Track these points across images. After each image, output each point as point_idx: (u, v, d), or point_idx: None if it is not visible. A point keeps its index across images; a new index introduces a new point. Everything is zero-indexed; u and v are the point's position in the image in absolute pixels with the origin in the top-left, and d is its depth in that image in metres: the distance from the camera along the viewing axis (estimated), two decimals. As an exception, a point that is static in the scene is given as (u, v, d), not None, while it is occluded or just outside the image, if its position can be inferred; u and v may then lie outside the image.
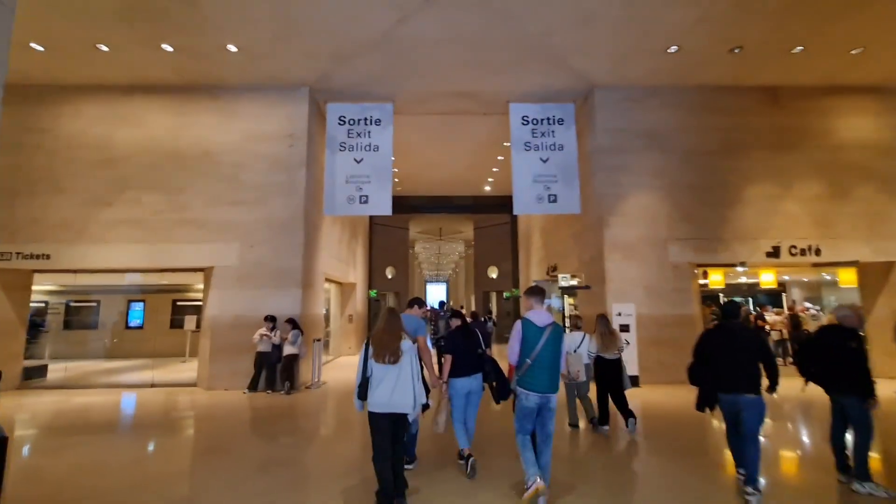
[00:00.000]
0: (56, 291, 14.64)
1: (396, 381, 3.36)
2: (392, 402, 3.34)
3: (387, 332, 3.47)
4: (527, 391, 3.63)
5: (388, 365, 3.38)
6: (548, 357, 3.61)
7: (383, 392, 3.36)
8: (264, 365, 8.36)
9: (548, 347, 3.60)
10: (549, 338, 3.61)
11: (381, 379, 3.38)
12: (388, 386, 3.35)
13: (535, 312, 3.73)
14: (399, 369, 3.39)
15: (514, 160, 9.89)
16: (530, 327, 3.65)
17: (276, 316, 8.55)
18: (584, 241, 10.19)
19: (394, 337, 3.45)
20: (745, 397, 3.70)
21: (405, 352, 3.43)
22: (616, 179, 9.27)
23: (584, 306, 10.13)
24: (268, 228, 8.95)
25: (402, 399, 3.36)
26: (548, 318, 3.71)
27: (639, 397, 7.83)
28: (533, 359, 3.59)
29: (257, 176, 9.10)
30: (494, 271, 22.04)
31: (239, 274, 8.80)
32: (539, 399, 3.61)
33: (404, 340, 3.47)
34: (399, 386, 3.36)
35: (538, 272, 14.65)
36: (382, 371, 3.39)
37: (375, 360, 3.40)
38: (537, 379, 3.61)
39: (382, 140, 9.84)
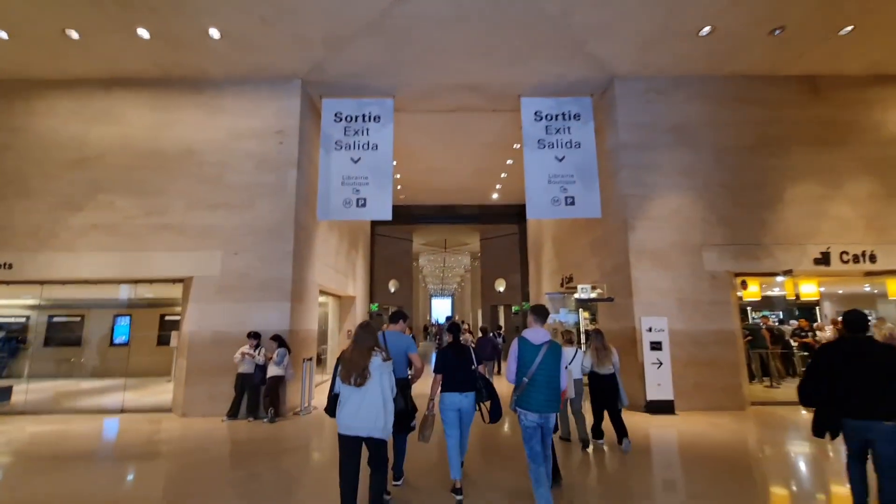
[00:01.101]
0: (37, 306, 13.79)
1: (361, 403, 3.17)
2: (356, 424, 3.16)
3: (356, 349, 3.27)
4: (525, 411, 3.61)
5: (354, 386, 3.18)
6: (545, 375, 3.59)
7: (348, 413, 3.19)
8: (246, 388, 7.36)
9: (545, 365, 3.59)
10: (546, 356, 3.60)
11: (347, 399, 3.21)
12: (353, 407, 3.18)
13: (532, 330, 3.77)
14: (365, 391, 3.18)
15: (526, 159, 8.98)
16: (526, 345, 3.67)
17: (260, 332, 7.59)
18: (605, 249, 9.19)
19: (363, 355, 3.23)
20: (883, 425, 3.08)
21: (373, 371, 3.19)
22: (641, 179, 8.32)
23: (607, 321, 9.07)
24: (254, 234, 8.05)
25: (366, 422, 3.15)
26: (544, 336, 3.71)
27: (674, 427, 6.75)
28: (530, 377, 3.58)
29: (243, 176, 8.24)
30: (502, 284, 21.02)
31: (221, 285, 7.87)
32: (538, 419, 3.59)
33: (374, 358, 3.23)
34: (364, 407, 3.16)
35: (550, 284, 13.61)
36: (348, 391, 3.22)
37: (342, 379, 3.22)
38: (535, 398, 3.58)
39: (382, 138, 8.98)
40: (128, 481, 4.80)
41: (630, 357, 8.01)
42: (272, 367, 7.31)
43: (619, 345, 8.36)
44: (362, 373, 3.17)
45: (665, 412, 7.36)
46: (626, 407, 6.03)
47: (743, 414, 7.44)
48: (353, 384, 3.19)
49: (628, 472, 4.94)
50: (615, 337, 8.49)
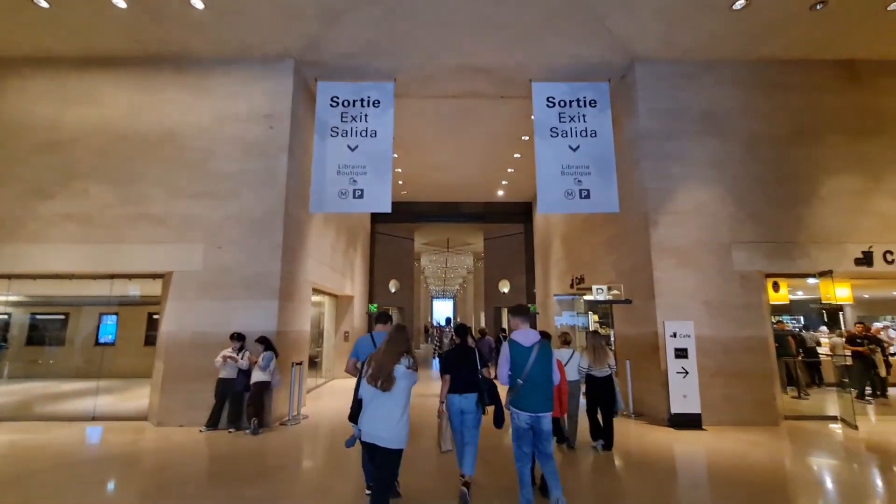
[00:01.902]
0: (20, 303, 13.15)
1: (380, 409, 3.04)
2: (372, 431, 3.02)
3: (386, 352, 3.15)
4: (518, 411, 3.62)
5: (377, 389, 3.05)
6: (537, 376, 3.61)
7: (367, 418, 3.07)
8: (227, 395, 6.67)
9: (537, 366, 3.61)
10: (538, 356, 3.62)
11: (368, 403, 3.10)
12: (372, 412, 3.06)
13: (521, 332, 3.77)
14: (386, 397, 3.04)
15: (538, 149, 8.26)
16: (517, 348, 3.68)
17: (244, 334, 6.90)
18: (623, 247, 8.47)
19: (392, 359, 3.10)
20: None
21: (398, 378, 3.06)
22: (665, 170, 7.60)
23: (624, 325, 8.35)
24: (239, 226, 7.36)
25: (381, 430, 3.00)
26: (534, 337, 3.73)
27: (704, 444, 6.02)
28: (524, 378, 3.59)
29: (229, 163, 7.56)
30: (506, 285, 20.27)
31: (202, 281, 7.18)
32: (530, 419, 3.59)
33: (399, 364, 3.10)
34: (381, 415, 3.02)
35: (559, 285, 12.90)
36: (370, 395, 3.09)
37: (367, 381, 3.09)
38: (528, 398, 3.59)
39: (381, 125, 8.28)
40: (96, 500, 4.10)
41: (651, 365, 7.29)
42: (257, 373, 6.62)
43: (638, 352, 7.68)
44: (388, 377, 3.03)
45: (691, 427, 6.63)
46: (622, 412, 6.08)
47: (777, 430, 6.70)
48: (377, 387, 3.04)
49: (655, 497, 4.22)
50: (633, 343, 7.77)
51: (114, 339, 13.17)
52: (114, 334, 13.26)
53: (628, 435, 6.54)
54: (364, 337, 4.37)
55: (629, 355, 7.95)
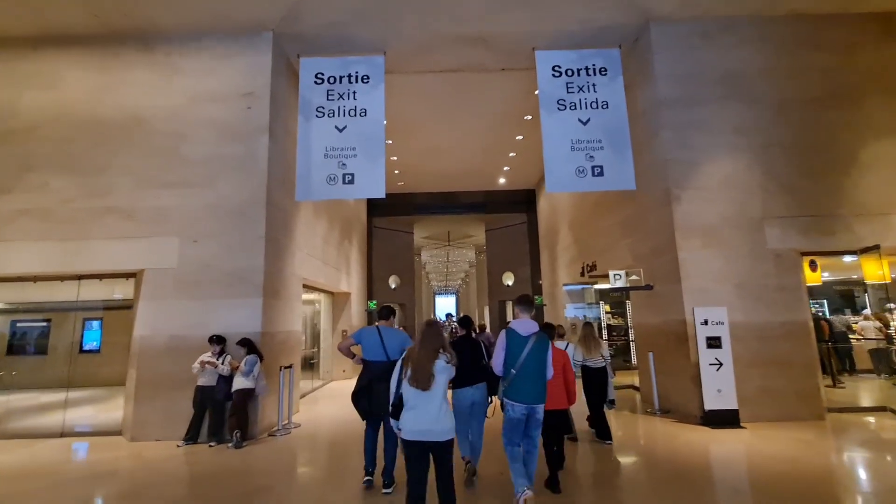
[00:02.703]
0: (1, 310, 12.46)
1: (426, 406, 2.98)
2: (419, 428, 2.96)
3: (423, 351, 3.08)
4: (512, 402, 3.61)
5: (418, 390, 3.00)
6: (532, 366, 3.58)
7: (412, 417, 2.99)
8: (207, 405, 5.97)
9: (532, 357, 3.58)
10: (534, 347, 3.60)
11: (410, 402, 3.03)
12: (417, 411, 3.00)
13: (520, 322, 3.76)
14: (429, 395, 2.99)
15: (544, 123, 7.51)
16: (514, 337, 3.67)
17: (225, 336, 6.20)
18: (641, 228, 7.73)
19: (429, 358, 3.04)
20: None
21: (437, 374, 3.02)
22: (686, 140, 6.86)
23: (644, 314, 7.63)
24: (217, 217, 6.64)
25: (429, 426, 2.95)
26: (532, 327, 3.70)
27: (744, 445, 5.32)
28: (518, 369, 3.57)
29: (203, 148, 6.83)
30: (510, 278, 19.56)
31: (178, 279, 6.47)
32: (525, 409, 3.60)
33: (439, 360, 3.06)
34: (427, 411, 2.97)
35: (568, 274, 12.18)
36: (412, 394, 3.02)
37: (410, 383, 3.02)
38: (523, 389, 3.58)
39: (371, 102, 7.53)
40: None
41: (677, 357, 6.57)
42: (239, 379, 5.91)
43: (662, 343, 6.96)
44: (428, 377, 3.00)
45: (728, 425, 5.92)
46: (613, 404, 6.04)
47: (823, 425, 6.00)
48: (420, 388, 2.99)
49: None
50: (656, 333, 7.05)
51: (98, 346, 12.50)
52: (98, 341, 12.59)
53: (658, 435, 5.83)
54: (370, 328, 4.37)
55: (652, 347, 7.24)
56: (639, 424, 6.46)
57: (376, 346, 4.24)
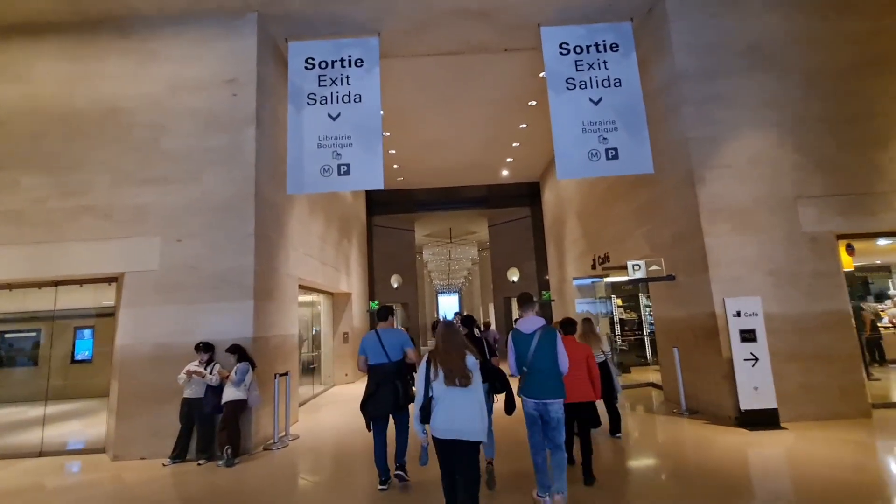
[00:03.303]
0: (-13, 321, 11.98)
1: (459, 405, 2.95)
2: (453, 427, 2.93)
3: (451, 350, 3.05)
4: (525, 398, 3.60)
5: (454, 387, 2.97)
6: (541, 362, 3.56)
7: (444, 416, 2.96)
8: (195, 419, 5.45)
9: (539, 352, 3.56)
10: (540, 342, 3.58)
11: (442, 401, 2.99)
12: (450, 409, 2.96)
13: (524, 320, 3.76)
14: (463, 393, 2.96)
15: (552, 105, 6.96)
16: (519, 336, 3.69)
17: (213, 343, 5.68)
18: (659, 214, 7.18)
19: (460, 355, 3.03)
20: None
21: (473, 370, 3.01)
22: (709, 115, 6.31)
23: (666, 307, 7.09)
24: (202, 214, 6.12)
25: (463, 424, 2.92)
26: (536, 323, 3.69)
27: (785, 446, 4.81)
28: (528, 366, 3.58)
29: (186, 140, 6.31)
30: (515, 274, 19.01)
31: (161, 282, 5.95)
32: (536, 405, 3.56)
33: (468, 357, 3.04)
34: (462, 410, 2.94)
35: (578, 268, 11.63)
36: (444, 393, 2.99)
37: (446, 383, 2.98)
38: (533, 385, 3.56)
39: (366, 87, 7.00)
40: None
41: (706, 353, 6.04)
42: (230, 389, 5.39)
43: (688, 337, 6.42)
44: (464, 374, 2.98)
45: (767, 426, 5.38)
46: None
47: (871, 423, 5.45)
48: (457, 385, 2.97)
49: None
50: (681, 327, 6.51)
51: (91, 356, 12.01)
52: (91, 350, 12.10)
53: (691, 439, 5.29)
54: (369, 334, 4.40)
55: (676, 342, 6.70)
56: (667, 427, 5.92)
57: (376, 349, 4.24)
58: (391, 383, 4.09)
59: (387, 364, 4.18)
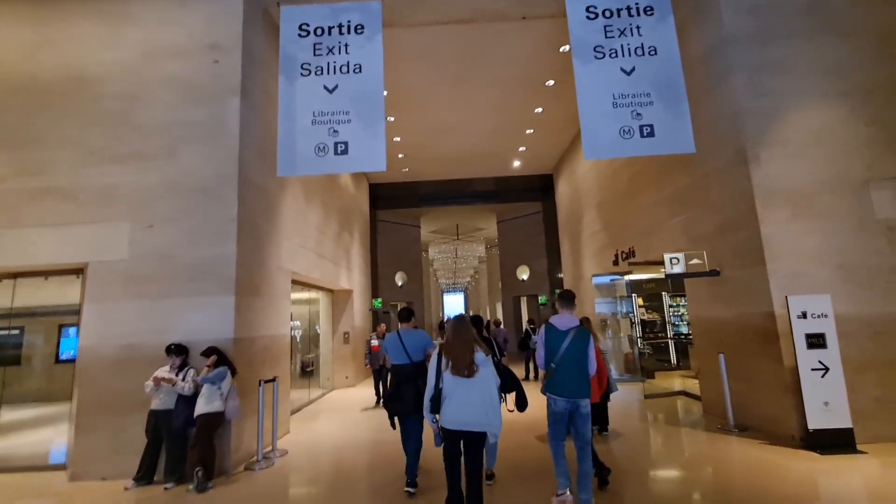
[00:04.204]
0: (-32, 318, 11.31)
1: (468, 396, 3.06)
2: (461, 418, 3.06)
3: (460, 343, 3.19)
4: (554, 396, 3.61)
5: (461, 378, 3.09)
6: (572, 360, 3.58)
7: (454, 406, 3.09)
8: (164, 434, 4.67)
9: (571, 351, 3.58)
10: (573, 341, 3.59)
11: (452, 392, 3.10)
12: (460, 400, 3.07)
13: (560, 317, 3.75)
14: (472, 385, 3.08)
15: (578, 77, 6.09)
16: (552, 331, 3.68)
17: (186, 345, 4.91)
18: (699, 201, 6.31)
19: (468, 348, 3.16)
20: None
21: (481, 366, 3.12)
22: (763, 85, 5.44)
23: (708, 306, 6.22)
24: (178, 197, 5.35)
25: (472, 416, 3.04)
26: (571, 322, 3.69)
27: (864, 475, 3.93)
28: (557, 363, 3.59)
29: (161, 113, 5.53)
30: (525, 272, 18.18)
31: (129, 273, 5.18)
32: (566, 404, 3.57)
33: (478, 352, 3.16)
34: (471, 402, 3.05)
35: (598, 264, 10.77)
36: (453, 384, 3.11)
37: (453, 373, 3.12)
38: (564, 383, 3.57)
39: (367, 56, 6.17)
40: None
41: (759, 360, 5.18)
42: (203, 401, 4.60)
43: (737, 342, 5.53)
44: (470, 365, 3.08)
45: (841, 449, 4.51)
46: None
47: (965, 446, 4.56)
48: (463, 376, 3.08)
49: None
50: (727, 330, 5.65)
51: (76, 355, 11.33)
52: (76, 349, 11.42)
53: (746, 463, 4.42)
54: (392, 334, 4.40)
55: (720, 347, 5.83)
56: (713, 446, 5.07)
57: (398, 350, 4.23)
58: (413, 383, 4.04)
59: (408, 365, 4.15)
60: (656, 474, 4.37)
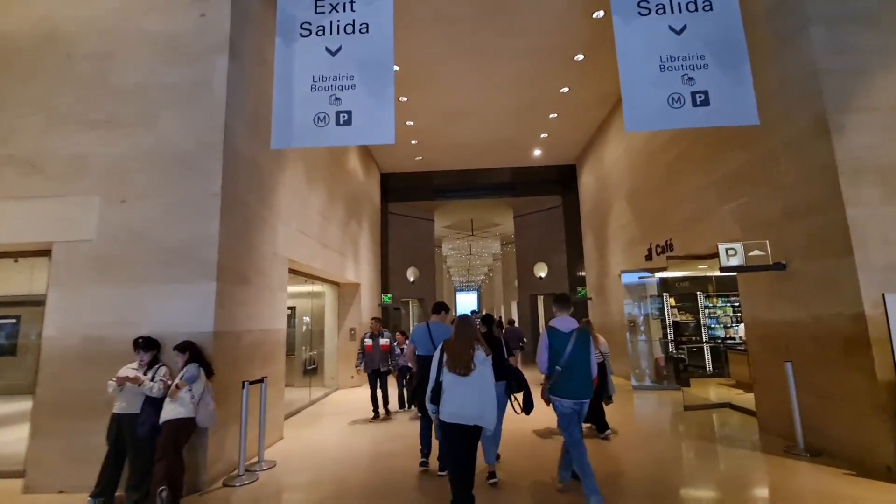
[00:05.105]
0: (-36, 306, 10.91)
1: (466, 393, 3.16)
2: (460, 412, 3.14)
3: (459, 341, 3.32)
4: (561, 399, 3.64)
5: (459, 375, 3.20)
6: (577, 362, 3.63)
7: (452, 402, 3.18)
8: (128, 442, 3.97)
9: (575, 353, 3.63)
10: (576, 343, 3.65)
11: (451, 388, 3.21)
12: (458, 397, 3.17)
13: (560, 319, 3.80)
14: (469, 382, 3.18)
15: (619, 37, 5.22)
16: (556, 335, 3.71)
17: (158, 339, 4.21)
18: (762, 182, 5.39)
19: (467, 347, 3.26)
20: None
21: (478, 364, 3.22)
22: (847, 41, 4.53)
23: (770, 306, 5.30)
24: (155, 168, 4.66)
25: (469, 411, 3.13)
26: (572, 324, 3.76)
27: None
28: (563, 365, 3.61)
29: (138, 73, 4.85)
30: (544, 269, 17.27)
31: (98, 255, 4.51)
32: (573, 405, 3.62)
33: (478, 351, 3.26)
34: (469, 398, 3.15)
35: (626, 260, 9.86)
36: (452, 381, 3.22)
37: (449, 369, 3.25)
38: (570, 386, 3.61)
39: (375, 14, 5.40)
40: None
41: (844, 372, 4.26)
42: (170, 405, 3.89)
43: (807, 349, 4.59)
44: (467, 364, 3.19)
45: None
46: (611, 399, 5.66)
47: None
48: (458, 374, 3.19)
49: None
50: (797, 336, 4.75)
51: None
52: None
53: (824, 498, 3.53)
54: (421, 325, 4.62)
55: (785, 353, 4.92)
56: (785, 475, 4.18)
57: (425, 340, 4.36)
58: None
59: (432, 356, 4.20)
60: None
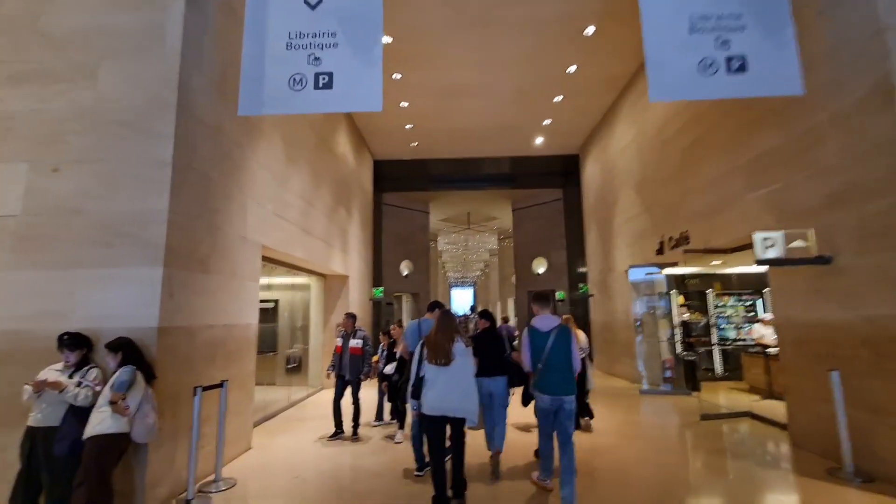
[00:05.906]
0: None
1: (447, 384, 3.32)
2: (441, 405, 3.31)
3: (440, 333, 3.48)
4: (540, 394, 3.73)
5: (440, 367, 3.35)
6: (556, 359, 3.70)
7: (434, 394, 3.33)
8: (44, 461, 3.25)
9: (555, 350, 3.70)
10: (555, 341, 3.72)
11: (433, 381, 3.36)
12: (439, 388, 3.32)
13: (540, 318, 3.89)
14: (450, 373, 3.34)
15: (642, -5, 4.55)
16: (535, 334, 3.82)
17: (88, 335, 3.49)
18: (802, 164, 4.70)
19: (447, 339, 3.43)
20: None
21: (457, 355, 3.38)
22: (918, -7, 3.83)
23: (806, 303, 4.64)
24: (94, 131, 3.91)
25: (451, 402, 3.31)
26: (553, 322, 3.83)
27: None
28: (543, 363, 3.70)
29: (77, 17, 4.10)
30: (542, 265, 16.62)
31: (21, 233, 3.77)
32: (551, 401, 3.68)
33: (458, 343, 3.42)
34: (450, 389, 3.32)
35: (633, 254, 9.19)
36: (434, 373, 3.37)
37: (429, 360, 3.40)
38: (549, 382, 3.69)
39: (362, -38, 4.68)
40: None
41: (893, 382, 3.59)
42: (99, 415, 3.17)
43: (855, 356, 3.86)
44: (447, 353, 3.33)
45: None
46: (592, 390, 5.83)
47: None
48: (438, 364, 3.33)
49: None
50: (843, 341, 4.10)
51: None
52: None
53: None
54: (412, 323, 4.80)
55: (826, 360, 4.26)
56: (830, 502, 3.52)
57: (416, 338, 4.26)
58: None
59: None
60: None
